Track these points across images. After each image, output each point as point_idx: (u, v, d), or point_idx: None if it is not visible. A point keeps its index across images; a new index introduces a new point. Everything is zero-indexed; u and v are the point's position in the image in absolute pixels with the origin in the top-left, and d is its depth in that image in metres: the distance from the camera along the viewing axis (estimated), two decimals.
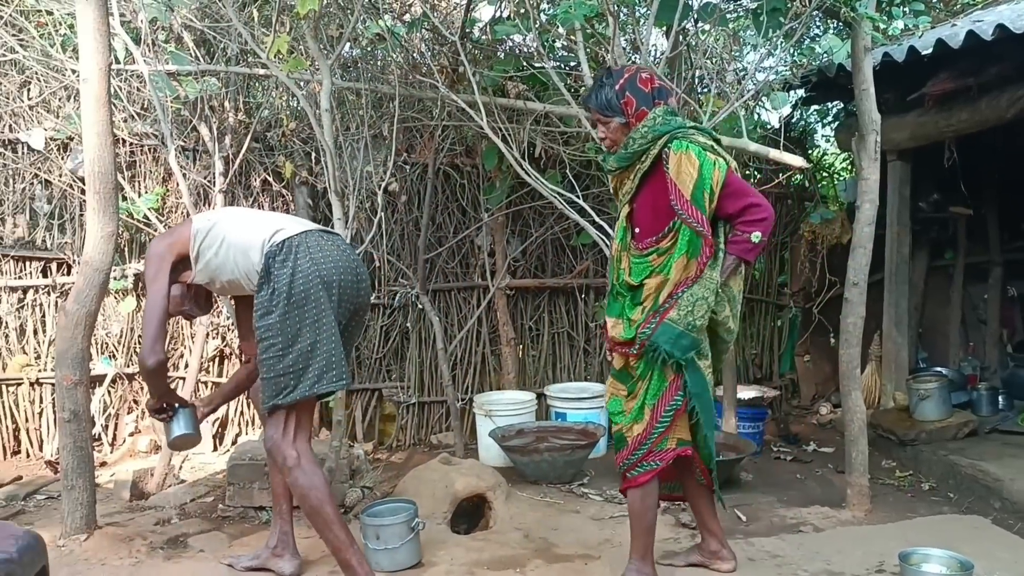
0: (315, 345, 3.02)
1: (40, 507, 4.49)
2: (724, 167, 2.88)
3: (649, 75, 3.02)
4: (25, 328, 5.40)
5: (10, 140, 5.31)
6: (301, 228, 3.15)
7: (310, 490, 3.04)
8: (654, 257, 2.97)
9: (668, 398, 2.97)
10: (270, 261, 3.04)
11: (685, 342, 2.89)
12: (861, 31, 4.06)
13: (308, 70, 4.47)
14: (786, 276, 6.97)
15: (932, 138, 5.17)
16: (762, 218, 2.90)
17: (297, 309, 3.00)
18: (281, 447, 3.07)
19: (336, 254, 3.14)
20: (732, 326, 3.07)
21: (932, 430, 5.10)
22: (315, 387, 3.03)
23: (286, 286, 3.00)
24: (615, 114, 2.99)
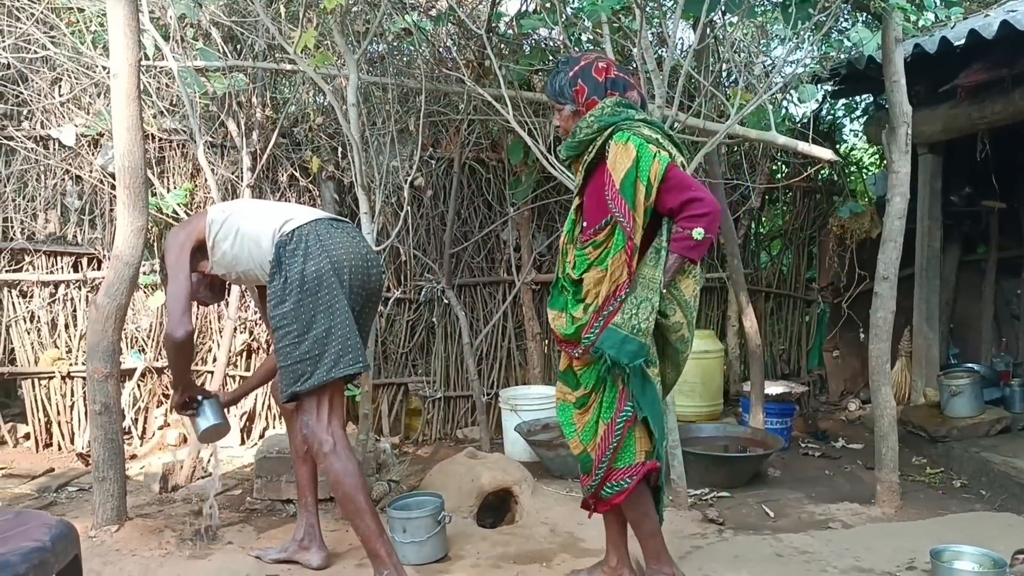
0: (330, 330, 3.06)
1: (72, 498, 4.55)
2: (665, 160, 2.71)
3: (606, 64, 2.93)
4: (56, 322, 5.47)
5: (42, 136, 5.38)
6: (310, 217, 3.20)
7: (344, 476, 3.06)
8: (590, 250, 2.85)
9: (619, 409, 2.84)
10: (280, 251, 3.10)
11: (631, 347, 2.72)
12: (892, 22, 4.01)
13: (335, 65, 4.48)
14: (814, 271, 6.91)
15: (964, 130, 5.10)
16: (703, 213, 2.69)
17: (310, 296, 3.05)
18: (317, 433, 3.10)
19: (346, 241, 3.19)
20: (685, 334, 2.90)
21: (964, 427, 5.04)
22: (332, 372, 3.07)
23: (298, 274, 3.05)
24: (567, 101, 2.92)
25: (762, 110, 4.22)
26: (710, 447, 4.91)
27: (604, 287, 2.79)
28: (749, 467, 4.76)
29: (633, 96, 2.94)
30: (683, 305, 2.85)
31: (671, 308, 2.82)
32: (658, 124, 2.90)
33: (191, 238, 3.23)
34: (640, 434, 2.88)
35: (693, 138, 4.47)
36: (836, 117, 7.33)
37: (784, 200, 7.00)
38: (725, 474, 4.64)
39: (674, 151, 2.81)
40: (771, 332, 6.77)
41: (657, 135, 2.80)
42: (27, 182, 5.39)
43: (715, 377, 5.77)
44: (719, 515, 4.07)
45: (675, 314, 2.83)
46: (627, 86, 2.93)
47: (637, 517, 3.00)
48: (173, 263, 3.18)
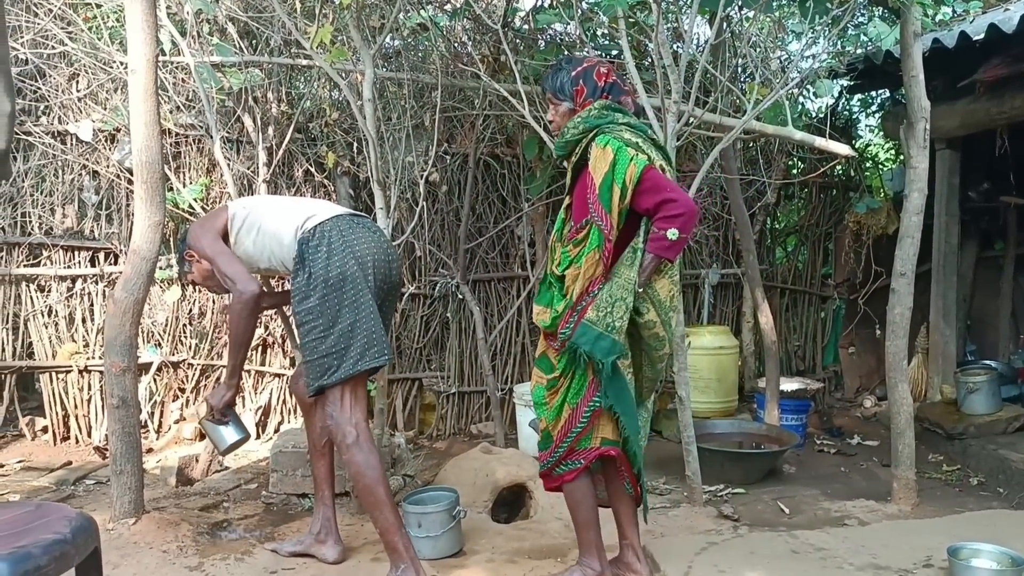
0: (355, 324, 3.12)
1: (89, 491, 4.58)
2: (642, 163, 2.76)
3: (608, 70, 3.01)
4: (74, 317, 5.50)
5: (59, 132, 5.41)
6: (332, 213, 3.25)
7: (366, 468, 3.11)
8: (571, 248, 2.91)
9: (588, 398, 2.90)
10: (303, 247, 3.15)
11: (605, 344, 2.78)
12: (910, 16, 3.98)
13: (351, 60, 4.49)
14: (830, 267, 6.88)
15: (983, 126, 5.06)
16: (678, 214, 2.73)
17: (335, 291, 3.10)
18: (341, 424, 3.15)
19: (367, 235, 3.24)
20: (660, 332, 2.91)
21: (981, 424, 5.01)
22: (358, 364, 3.12)
23: (322, 269, 3.09)
24: (565, 98, 2.99)
25: (779, 105, 4.20)
26: (725, 443, 4.90)
27: (578, 284, 2.86)
28: (764, 463, 4.74)
29: (626, 102, 3.01)
30: (657, 304, 2.89)
31: (644, 306, 2.87)
32: (642, 128, 2.95)
33: (216, 230, 3.32)
34: (603, 423, 2.94)
35: (709, 133, 4.46)
36: (852, 112, 7.29)
37: (800, 196, 6.97)
38: (740, 470, 4.63)
39: (654, 154, 2.86)
40: (786, 328, 6.74)
41: (638, 139, 2.85)
42: (45, 177, 5.43)
43: (730, 373, 5.75)
44: (734, 511, 4.07)
45: (648, 312, 2.88)
46: (620, 91, 3.02)
47: (573, 503, 3.06)
48: (210, 246, 3.28)
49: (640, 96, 3.89)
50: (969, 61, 4.90)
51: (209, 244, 3.29)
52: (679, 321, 4.08)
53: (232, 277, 3.21)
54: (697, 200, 4.64)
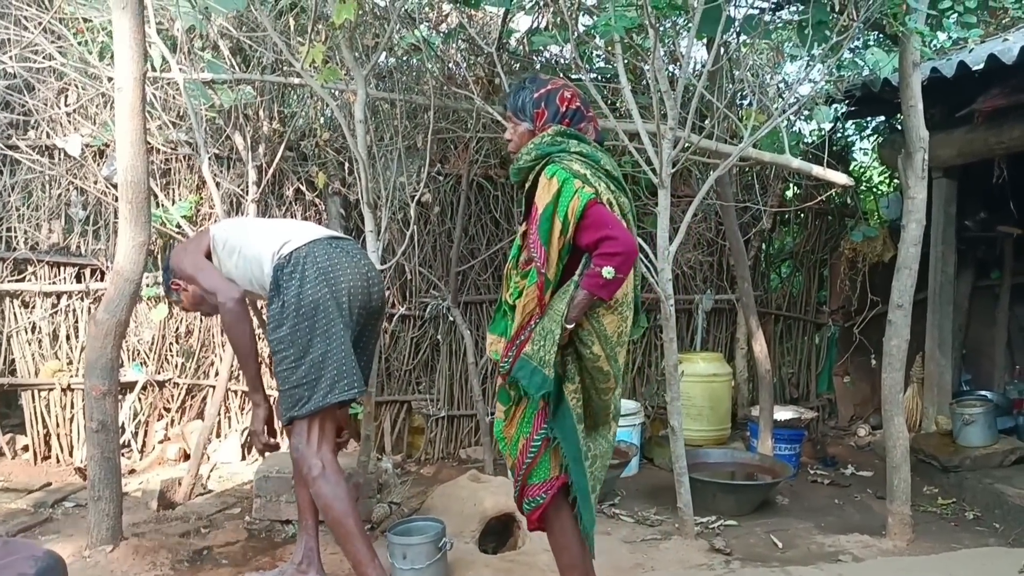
0: (326, 355, 3.07)
1: (68, 515, 4.48)
2: (586, 197, 2.62)
3: (572, 94, 2.89)
4: (58, 334, 5.41)
5: (47, 146, 5.33)
6: (308, 238, 3.20)
7: (333, 500, 3.05)
8: (518, 279, 2.83)
9: (536, 428, 2.81)
10: (278, 274, 3.11)
11: (537, 379, 2.67)
12: (910, 46, 3.94)
13: (343, 80, 4.43)
14: (825, 293, 6.82)
15: (981, 155, 5.03)
16: (615, 252, 2.59)
17: (307, 320, 3.05)
18: (307, 457, 3.10)
19: (344, 261, 3.19)
20: (604, 367, 2.78)
21: (977, 456, 4.94)
22: (328, 397, 3.07)
23: (294, 298, 3.05)
24: (525, 119, 2.88)
25: (776, 132, 4.15)
26: (717, 473, 4.82)
27: (518, 317, 2.77)
28: (757, 495, 4.67)
29: (587, 129, 2.89)
30: (603, 339, 2.76)
31: (589, 339, 2.74)
32: (595, 157, 2.79)
33: (199, 251, 3.32)
34: (556, 454, 2.84)
35: (705, 160, 4.41)
36: (847, 136, 7.26)
37: (795, 221, 6.92)
38: (733, 502, 4.55)
39: (603, 187, 2.71)
40: (780, 355, 6.67)
41: (587, 170, 2.71)
42: (31, 191, 5.35)
43: (723, 401, 5.68)
44: (726, 545, 3.99)
45: (593, 345, 2.75)
46: (582, 118, 2.89)
47: (555, 546, 2.93)
48: (191, 264, 3.28)
49: (636, 120, 3.84)
50: (966, 90, 4.87)
51: (191, 263, 3.28)
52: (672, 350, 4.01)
53: (212, 289, 3.20)
54: (691, 225, 4.60)
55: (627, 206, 2.82)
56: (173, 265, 3.39)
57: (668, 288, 3.91)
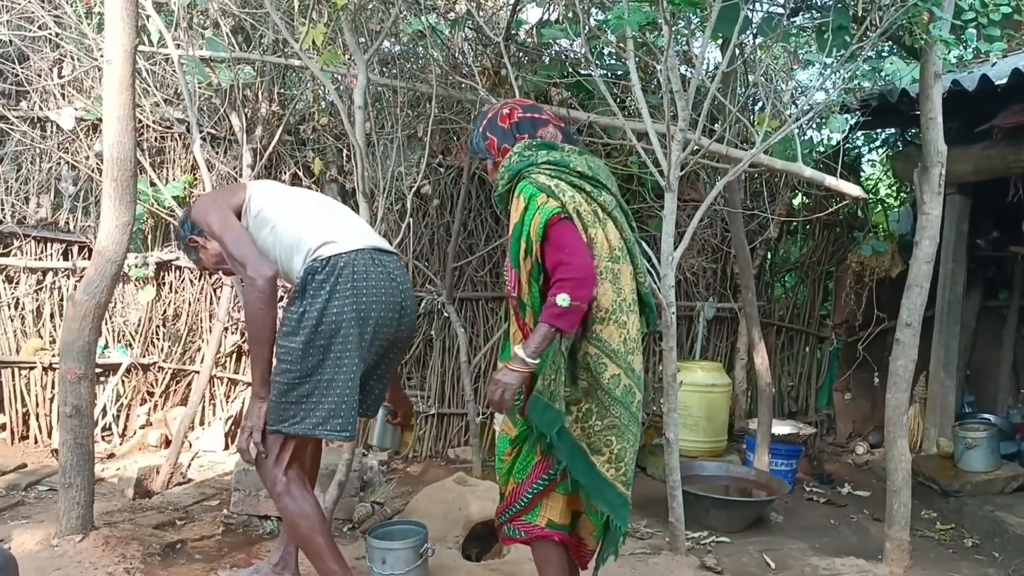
0: (331, 384, 2.78)
1: (41, 499, 4.36)
2: (547, 213, 2.49)
3: (510, 109, 2.79)
4: (42, 311, 5.28)
5: (39, 118, 5.19)
6: (352, 245, 2.85)
7: (300, 519, 2.85)
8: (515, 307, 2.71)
9: (533, 478, 2.67)
10: (309, 278, 2.78)
11: (549, 416, 2.52)
12: (932, 56, 3.80)
13: (344, 64, 4.29)
14: (829, 306, 6.68)
15: (998, 172, 4.88)
16: (568, 277, 2.42)
17: (323, 339, 2.76)
18: (271, 470, 2.87)
19: (383, 285, 2.85)
20: (626, 382, 2.60)
21: (978, 482, 4.81)
22: (317, 429, 2.81)
23: (319, 311, 2.75)
24: (486, 156, 2.83)
25: (788, 140, 4.01)
26: (711, 487, 4.69)
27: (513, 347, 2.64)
28: (752, 512, 4.54)
29: (547, 132, 2.77)
30: (614, 356, 2.58)
31: (600, 364, 2.57)
32: (564, 162, 2.64)
33: (229, 206, 2.92)
34: (551, 503, 2.70)
35: (714, 164, 4.27)
36: (857, 148, 7.12)
37: (803, 232, 6.78)
38: (726, 518, 4.42)
39: (568, 196, 2.55)
40: (780, 367, 6.54)
41: (552, 182, 2.57)
42: (21, 164, 5.20)
43: (720, 412, 5.54)
44: (717, 563, 3.85)
45: (607, 369, 2.58)
46: (536, 124, 2.78)
47: (538, 562, 2.80)
48: (219, 221, 2.85)
49: (646, 120, 3.70)
50: (986, 105, 4.73)
51: (218, 220, 2.86)
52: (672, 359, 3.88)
53: (242, 259, 2.78)
54: (696, 231, 4.45)
55: (610, 203, 2.67)
56: (196, 218, 3.00)
57: (670, 295, 3.77)
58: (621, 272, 2.62)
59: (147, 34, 4.47)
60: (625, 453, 2.64)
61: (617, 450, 2.62)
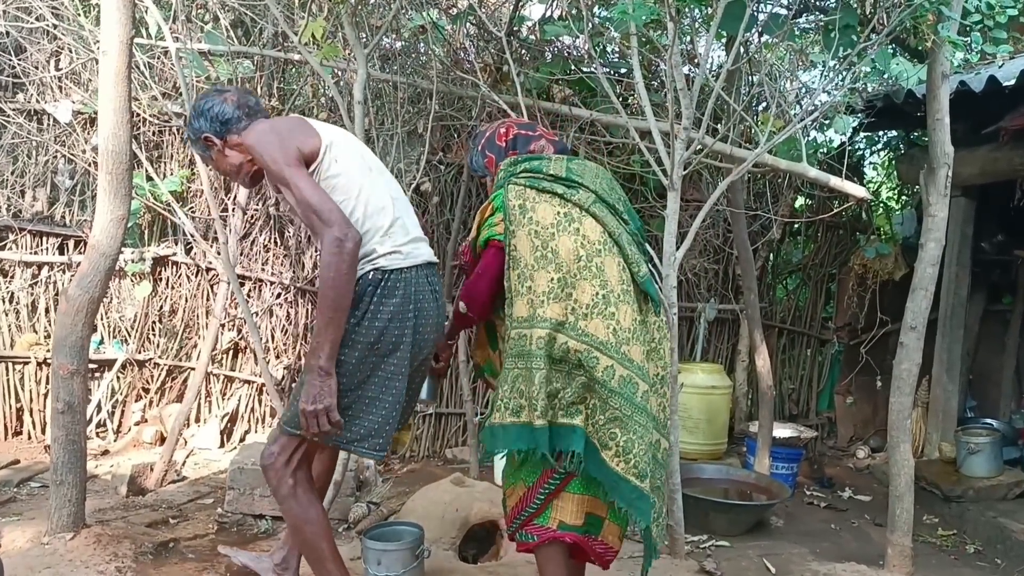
0: (374, 402, 2.63)
1: (33, 495, 4.31)
2: (490, 234, 2.66)
3: (507, 128, 2.90)
4: (37, 305, 5.23)
5: (36, 111, 5.14)
6: (414, 260, 2.68)
7: (304, 523, 2.73)
8: None
9: (543, 480, 2.64)
10: (373, 287, 2.59)
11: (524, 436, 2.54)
12: (940, 56, 3.75)
13: (344, 59, 4.24)
14: (832, 309, 6.63)
15: (1004, 175, 4.84)
16: (463, 290, 2.77)
17: (378, 357, 2.60)
18: (280, 471, 2.71)
19: (433, 307, 2.74)
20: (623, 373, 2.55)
21: (981, 488, 4.77)
22: (352, 445, 2.65)
23: (378, 330, 2.58)
24: (485, 174, 2.95)
25: (793, 140, 3.96)
26: (711, 490, 4.65)
27: None
28: (752, 516, 4.49)
29: (538, 146, 2.85)
30: (604, 348, 2.54)
31: (592, 359, 2.53)
32: (538, 169, 2.70)
33: (294, 143, 2.55)
34: (561, 504, 2.65)
35: (717, 163, 4.22)
36: (859, 150, 7.08)
37: (805, 233, 6.73)
38: (726, 521, 4.37)
39: (532, 215, 2.60)
40: (781, 370, 6.49)
41: (520, 199, 2.63)
42: (17, 157, 5.15)
43: (721, 414, 5.49)
44: (717, 567, 3.80)
45: (599, 362, 2.54)
46: (529, 140, 2.88)
47: (541, 567, 2.75)
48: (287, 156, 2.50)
49: (649, 118, 3.65)
50: (992, 107, 4.68)
51: (283, 153, 2.50)
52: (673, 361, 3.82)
53: (327, 216, 2.42)
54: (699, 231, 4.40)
55: (587, 199, 2.66)
56: (251, 145, 2.59)
57: (672, 296, 3.72)
58: (606, 264, 2.60)
59: (145, 27, 4.42)
60: (632, 445, 2.55)
61: (623, 442, 2.55)
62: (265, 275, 5.52)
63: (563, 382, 2.54)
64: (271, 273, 5.54)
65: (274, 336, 5.51)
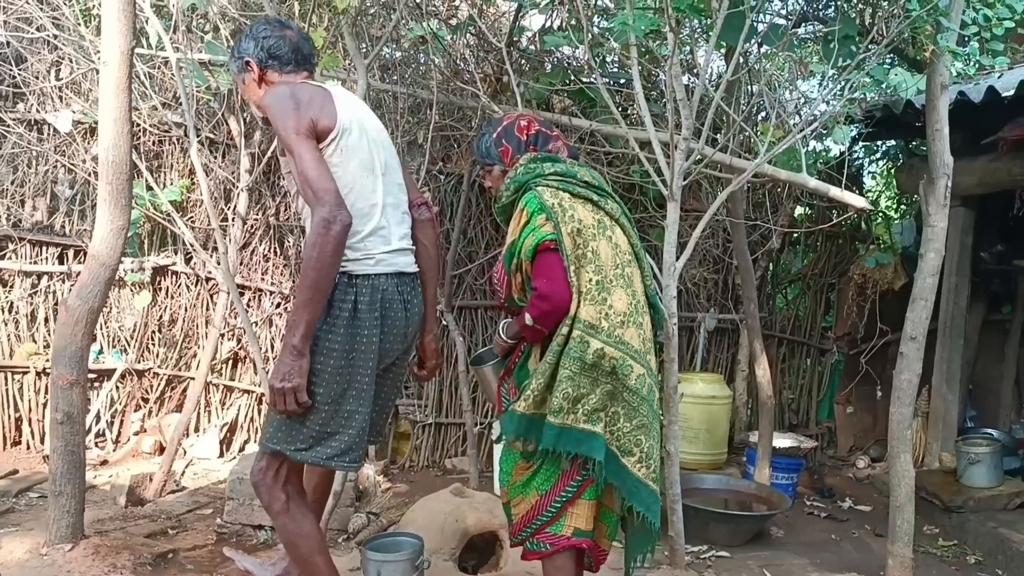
0: (352, 416, 2.58)
1: (31, 506, 4.30)
2: (540, 238, 2.56)
3: (528, 122, 2.87)
4: (36, 315, 5.22)
5: (36, 121, 5.15)
6: (386, 268, 2.61)
7: (299, 538, 2.68)
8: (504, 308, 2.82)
9: (560, 487, 2.65)
10: (344, 292, 2.54)
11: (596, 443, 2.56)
12: (939, 67, 3.75)
13: (344, 69, 4.24)
14: (831, 319, 6.63)
15: (1003, 186, 4.84)
16: (538, 307, 2.57)
17: (353, 366, 2.55)
18: (270, 487, 2.64)
19: (402, 317, 2.67)
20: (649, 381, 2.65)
21: (981, 498, 4.75)
22: (333, 460, 2.58)
23: (351, 338, 2.53)
24: (494, 161, 2.87)
25: (793, 150, 3.96)
26: (711, 501, 4.63)
27: None
28: (752, 526, 4.48)
29: (556, 148, 2.85)
30: (637, 357, 2.64)
31: (627, 367, 2.60)
32: (571, 172, 2.73)
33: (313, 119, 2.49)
34: (576, 511, 2.67)
35: (716, 173, 4.22)
36: (859, 159, 7.08)
37: (805, 243, 6.73)
38: (726, 532, 4.36)
39: (568, 216, 2.60)
40: (781, 380, 6.48)
41: (556, 198, 2.63)
42: (17, 167, 5.15)
43: (721, 424, 5.48)
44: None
45: (632, 371, 2.62)
46: (548, 139, 2.86)
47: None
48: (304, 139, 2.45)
49: (649, 128, 3.66)
50: (991, 117, 4.69)
51: (298, 134, 2.44)
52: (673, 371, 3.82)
53: (322, 193, 2.38)
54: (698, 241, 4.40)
55: (616, 210, 2.76)
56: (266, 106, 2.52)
57: (672, 306, 3.72)
58: (633, 275, 2.71)
59: (146, 37, 4.43)
60: (653, 451, 2.67)
61: (646, 448, 2.65)
62: (265, 285, 5.52)
63: (588, 388, 2.59)
64: (271, 283, 5.54)
65: (273, 346, 5.50)
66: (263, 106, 2.58)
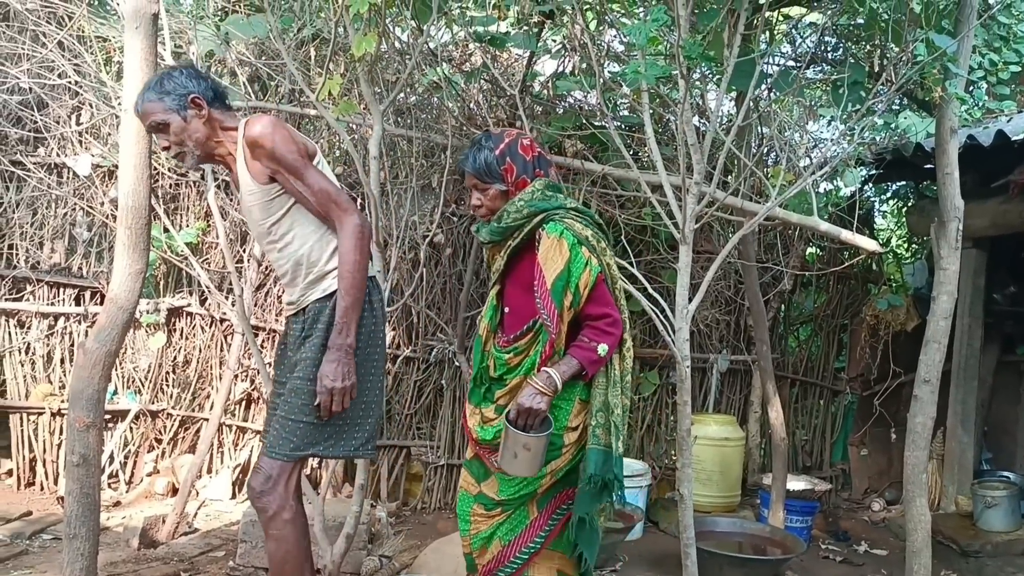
0: (370, 406, 2.78)
1: (45, 548, 4.30)
2: (596, 271, 2.59)
3: (530, 142, 2.79)
4: (52, 356, 5.27)
5: (56, 164, 5.23)
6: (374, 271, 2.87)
7: (295, 548, 2.76)
8: (511, 356, 2.67)
9: (527, 539, 2.64)
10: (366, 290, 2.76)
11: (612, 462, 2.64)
12: (948, 111, 3.79)
13: (360, 114, 4.31)
14: (844, 360, 6.61)
15: (1015, 227, 4.86)
16: (613, 333, 2.61)
17: (370, 361, 2.76)
18: (283, 496, 2.72)
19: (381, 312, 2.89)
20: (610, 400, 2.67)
21: (998, 543, 4.72)
22: (359, 450, 2.79)
23: (368, 333, 2.75)
24: (494, 180, 2.69)
25: (804, 193, 3.99)
26: (725, 544, 4.60)
27: None
28: (767, 570, 4.44)
29: (553, 174, 2.83)
30: (625, 389, 2.73)
31: (616, 398, 2.68)
32: (589, 214, 2.76)
33: (305, 144, 2.79)
34: (541, 560, 2.67)
35: (727, 216, 4.25)
36: (870, 199, 7.10)
37: (817, 284, 6.73)
38: None
39: (600, 247, 2.69)
40: (794, 421, 6.45)
41: (587, 231, 2.66)
42: (36, 209, 5.23)
43: (734, 466, 5.45)
44: None
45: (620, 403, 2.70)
46: (548, 163, 2.82)
47: None
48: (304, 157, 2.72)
49: (660, 172, 3.69)
50: (1001, 159, 4.72)
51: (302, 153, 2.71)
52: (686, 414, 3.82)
53: (345, 203, 2.68)
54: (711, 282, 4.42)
55: (609, 252, 2.77)
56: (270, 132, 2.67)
57: (685, 348, 3.71)
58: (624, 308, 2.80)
59: None
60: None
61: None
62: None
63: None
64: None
65: None
66: (259, 137, 2.68)
